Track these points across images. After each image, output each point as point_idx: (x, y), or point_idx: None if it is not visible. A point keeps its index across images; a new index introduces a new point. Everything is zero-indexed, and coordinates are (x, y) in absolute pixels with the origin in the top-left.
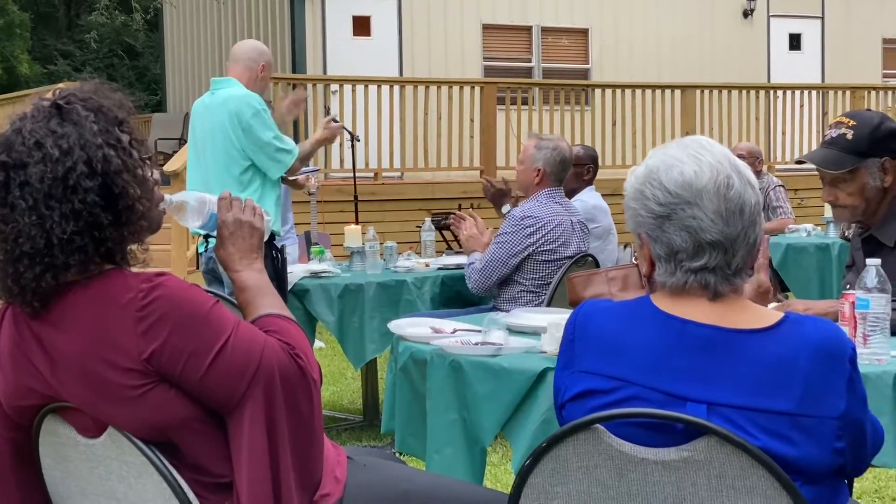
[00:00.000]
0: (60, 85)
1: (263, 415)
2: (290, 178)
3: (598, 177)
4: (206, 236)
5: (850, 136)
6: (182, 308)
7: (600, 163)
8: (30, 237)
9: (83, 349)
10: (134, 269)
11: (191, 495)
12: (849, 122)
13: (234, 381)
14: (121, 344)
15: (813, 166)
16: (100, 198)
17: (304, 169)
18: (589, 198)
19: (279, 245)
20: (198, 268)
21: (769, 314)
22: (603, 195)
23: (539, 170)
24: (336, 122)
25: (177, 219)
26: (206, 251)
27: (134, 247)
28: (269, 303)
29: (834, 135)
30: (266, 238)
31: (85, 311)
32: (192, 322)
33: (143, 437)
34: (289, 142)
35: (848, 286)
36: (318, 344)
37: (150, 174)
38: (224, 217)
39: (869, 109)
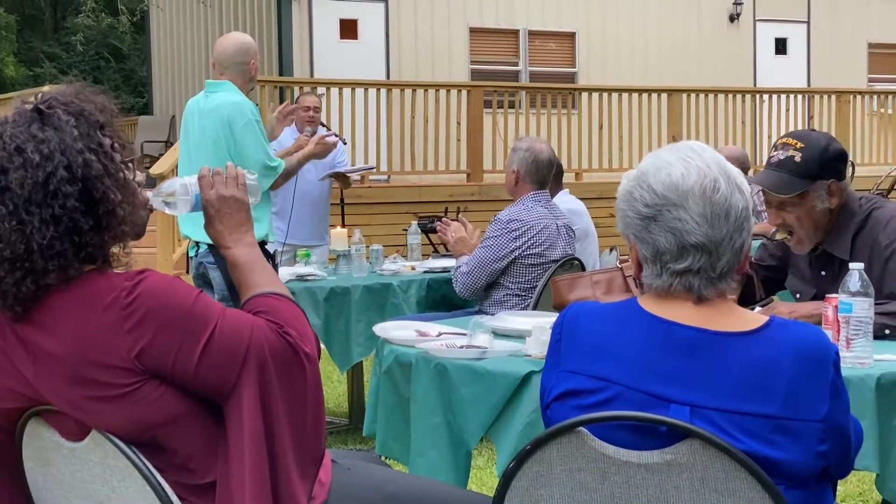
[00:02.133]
0: (45, 88)
1: (258, 398)
2: (348, 173)
3: (584, 180)
4: (197, 242)
5: (798, 159)
6: (166, 302)
7: (587, 166)
8: (10, 242)
9: (69, 350)
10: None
11: (174, 499)
12: (796, 143)
13: (226, 368)
14: (107, 343)
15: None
16: (80, 203)
17: (359, 166)
18: (564, 201)
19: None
20: (187, 272)
21: (754, 317)
22: (589, 198)
23: (514, 171)
24: (327, 129)
25: (169, 212)
26: (196, 255)
27: (116, 250)
28: (261, 280)
29: (782, 157)
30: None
31: (69, 312)
32: (178, 315)
33: (131, 437)
34: (275, 158)
35: (798, 295)
36: None
37: (132, 177)
38: (207, 196)
39: (813, 130)
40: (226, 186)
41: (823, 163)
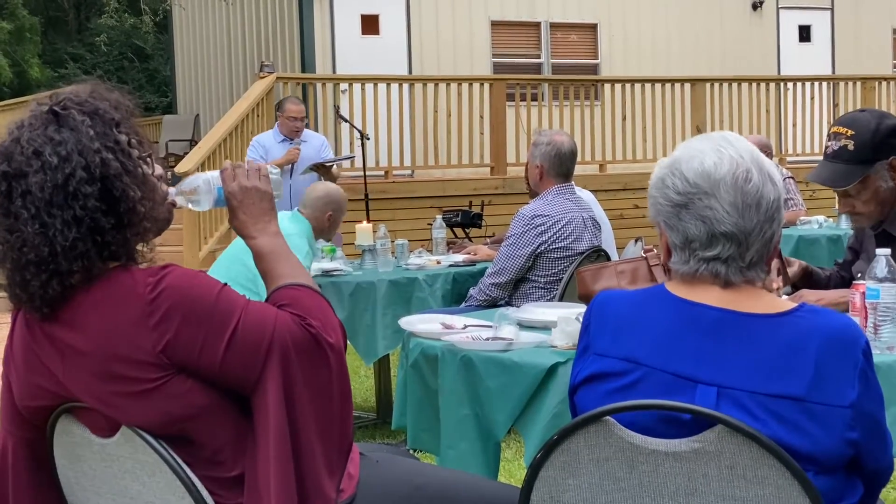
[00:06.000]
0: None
1: (282, 391)
2: (327, 164)
3: (608, 171)
4: None
5: (851, 147)
6: (191, 296)
7: (610, 157)
8: (34, 246)
9: (96, 346)
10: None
11: (204, 493)
12: (847, 131)
13: (251, 361)
14: (134, 339)
15: (822, 159)
16: (100, 202)
17: (338, 156)
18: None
19: None
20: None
21: (782, 303)
22: (613, 189)
23: (539, 166)
24: (345, 119)
25: (192, 207)
26: None
27: (140, 247)
28: (285, 270)
29: (836, 147)
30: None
31: (95, 309)
32: (202, 309)
33: (159, 432)
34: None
35: (859, 275)
36: None
37: (151, 171)
38: (230, 188)
39: (863, 110)
40: (248, 178)
41: (877, 144)
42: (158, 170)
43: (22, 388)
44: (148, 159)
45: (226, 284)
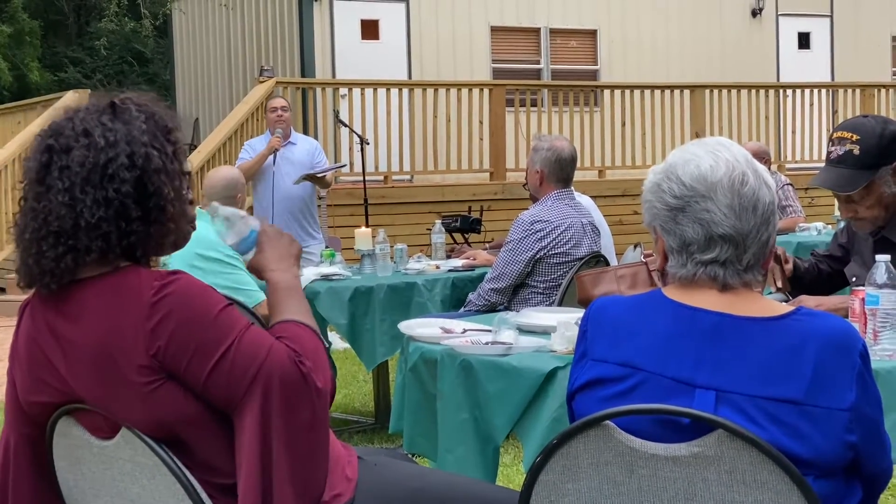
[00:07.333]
0: (69, 92)
1: (259, 416)
2: (318, 174)
3: (607, 177)
4: None
5: (856, 151)
6: (191, 306)
7: (609, 163)
8: (59, 216)
9: (96, 341)
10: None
11: (203, 496)
12: (852, 136)
13: (236, 383)
14: (132, 339)
15: (822, 165)
16: (134, 191)
17: (330, 165)
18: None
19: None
20: None
21: (779, 306)
22: (612, 195)
23: (539, 172)
24: (344, 124)
25: (215, 225)
26: None
27: (154, 257)
28: (294, 308)
29: (841, 152)
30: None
31: (100, 304)
32: (200, 321)
33: (153, 435)
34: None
35: (854, 279)
36: (343, 345)
37: (185, 191)
38: (266, 228)
39: (866, 116)
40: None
41: (882, 149)
42: (191, 195)
43: (25, 382)
44: (186, 177)
45: (232, 303)
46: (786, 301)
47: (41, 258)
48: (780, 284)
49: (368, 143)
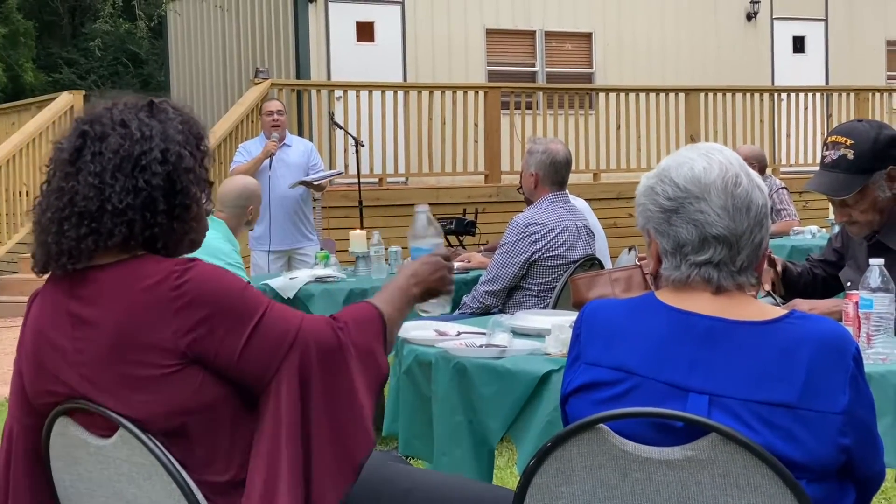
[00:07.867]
0: (64, 93)
1: (297, 391)
2: (314, 181)
3: (602, 180)
4: None
5: (851, 156)
6: (217, 287)
7: (604, 166)
8: (86, 198)
9: (116, 320)
10: None
11: (200, 497)
12: (846, 140)
13: (270, 356)
14: (153, 322)
15: (817, 169)
16: (163, 184)
17: (325, 172)
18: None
19: None
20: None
21: (773, 310)
22: (607, 199)
23: (534, 174)
24: (339, 126)
25: (418, 220)
26: None
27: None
28: (384, 298)
29: (835, 157)
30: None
31: (120, 286)
32: (228, 301)
33: (159, 424)
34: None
35: (849, 283)
36: None
37: (205, 200)
38: (439, 253)
39: (860, 120)
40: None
41: (877, 154)
42: (210, 205)
43: (31, 374)
44: (209, 186)
45: (248, 283)
46: (779, 304)
47: (61, 237)
48: (767, 287)
49: (363, 145)
